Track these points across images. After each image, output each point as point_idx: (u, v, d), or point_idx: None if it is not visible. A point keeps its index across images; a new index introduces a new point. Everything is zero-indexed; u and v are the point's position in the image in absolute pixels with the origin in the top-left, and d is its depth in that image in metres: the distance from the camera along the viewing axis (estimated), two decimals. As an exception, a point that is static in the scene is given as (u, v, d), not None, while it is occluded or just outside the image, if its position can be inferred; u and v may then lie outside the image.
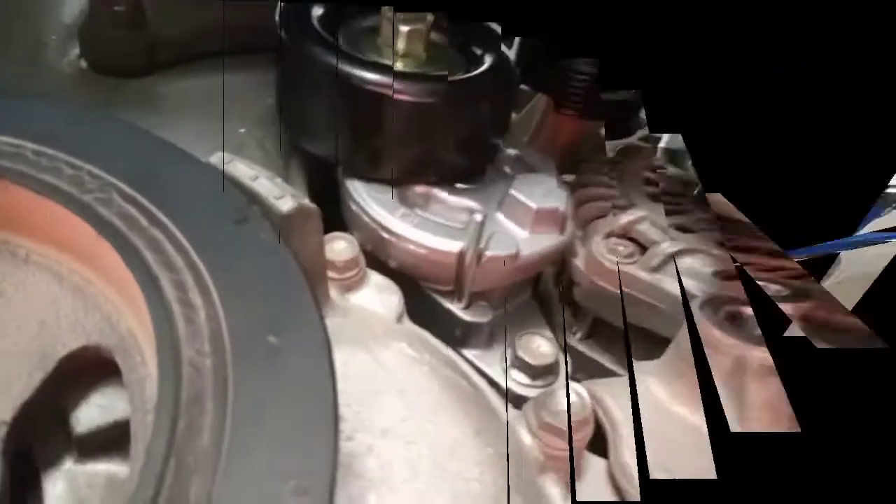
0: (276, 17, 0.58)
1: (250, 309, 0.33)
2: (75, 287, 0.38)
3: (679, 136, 1.07)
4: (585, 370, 0.66)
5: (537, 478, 0.45)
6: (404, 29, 0.59)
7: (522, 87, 0.78)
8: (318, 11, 0.60)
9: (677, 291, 0.58)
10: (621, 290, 0.61)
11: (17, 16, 0.71)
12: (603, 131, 0.91)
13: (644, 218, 0.65)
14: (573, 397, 0.43)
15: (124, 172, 0.38)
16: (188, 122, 0.64)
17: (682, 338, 0.47)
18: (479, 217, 0.54)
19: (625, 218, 0.65)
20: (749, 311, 0.47)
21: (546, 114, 0.83)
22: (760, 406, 0.44)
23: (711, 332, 0.45)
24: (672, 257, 0.61)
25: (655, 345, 0.49)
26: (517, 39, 0.76)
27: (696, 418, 0.46)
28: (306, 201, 0.45)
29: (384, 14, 0.60)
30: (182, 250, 0.35)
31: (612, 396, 0.47)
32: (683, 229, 0.65)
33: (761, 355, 0.44)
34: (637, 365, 0.50)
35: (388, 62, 0.59)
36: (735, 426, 0.44)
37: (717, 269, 0.59)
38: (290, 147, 0.65)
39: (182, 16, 0.72)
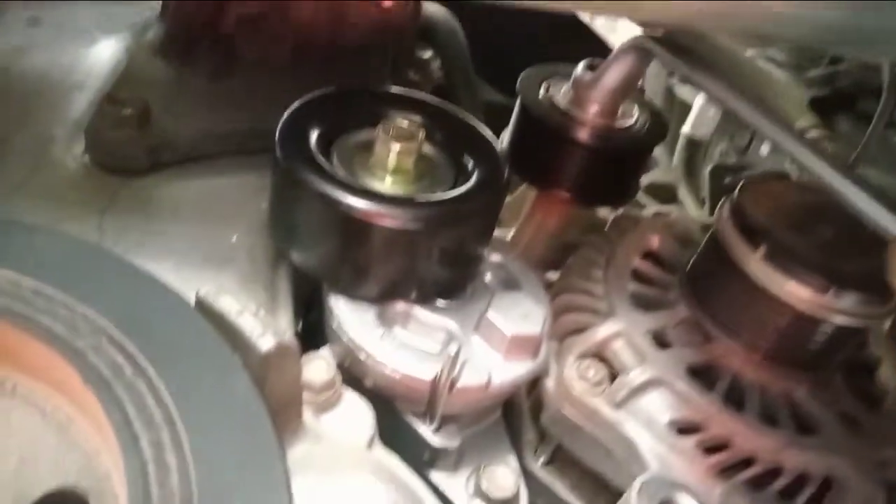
0: (276, 135, 0.61)
1: (221, 474, 0.35)
2: (58, 424, 0.40)
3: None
4: (543, 497, 0.68)
5: None
6: (395, 147, 0.62)
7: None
8: (315, 131, 0.63)
9: (635, 437, 0.61)
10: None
11: (29, 109, 0.74)
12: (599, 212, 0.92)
13: (619, 334, 0.67)
14: None
15: (116, 315, 0.41)
16: (184, 227, 0.66)
17: None
18: (453, 348, 0.56)
19: (600, 333, 0.67)
20: (685, 501, 0.48)
21: (537, 198, 0.84)
22: None
23: None
24: (638, 391, 0.63)
25: (608, 496, 0.51)
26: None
27: None
28: (287, 338, 0.47)
29: (378, 133, 0.63)
30: (162, 405, 0.37)
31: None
32: (660, 340, 0.67)
33: None
34: None
35: (379, 181, 0.62)
36: None
37: (675, 416, 0.62)
38: (279, 257, 0.68)
39: (187, 119, 0.75)
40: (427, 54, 1.06)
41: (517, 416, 0.76)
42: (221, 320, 0.46)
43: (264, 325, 0.46)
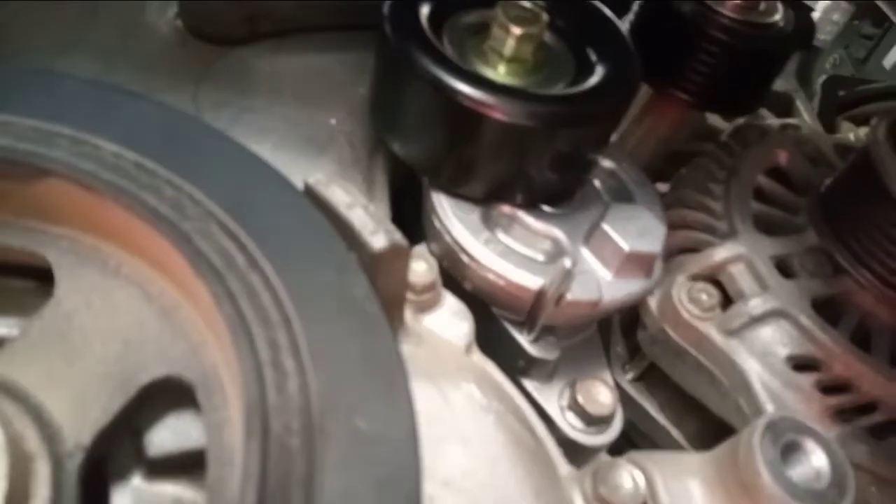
0: (385, 10, 0.55)
1: (342, 383, 0.32)
2: (164, 309, 0.37)
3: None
4: (629, 411, 0.65)
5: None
6: (516, 32, 0.55)
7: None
8: (426, 7, 0.57)
9: (748, 369, 0.56)
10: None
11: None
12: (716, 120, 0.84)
13: (739, 257, 0.61)
14: (630, 481, 0.42)
15: (224, 199, 0.37)
16: (282, 105, 0.62)
17: (741, 448, 0.45)
18: (566, 260, 0.52)
19: (717, 256, 0.62)
20: (811, 446, 0.44)
21: (650, 100, 0.77)
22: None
23: (755, 471, 0.42)
24: (756, 321, 0.58)
25: (709, 425, 0.47)
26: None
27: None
28: (399, 237, 0.43)
29: (497, 15, 0.56)
30: (278, 302, 0.34)
31: (662, 477, 0.46)
32: (784, 269, 0.62)
33: None
34: (684, 456, 0.48)
35: (492, 70, 0.56)
36: None
37: (794, 351, 0.57)
38: (378, 144, 0.63)
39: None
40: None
41: (606, 328, 0.73)
42: (330, 212, 0.42)
43: (376, 222, 0.42)
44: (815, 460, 0.45)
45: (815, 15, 1.42)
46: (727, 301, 0.61)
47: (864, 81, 1.36)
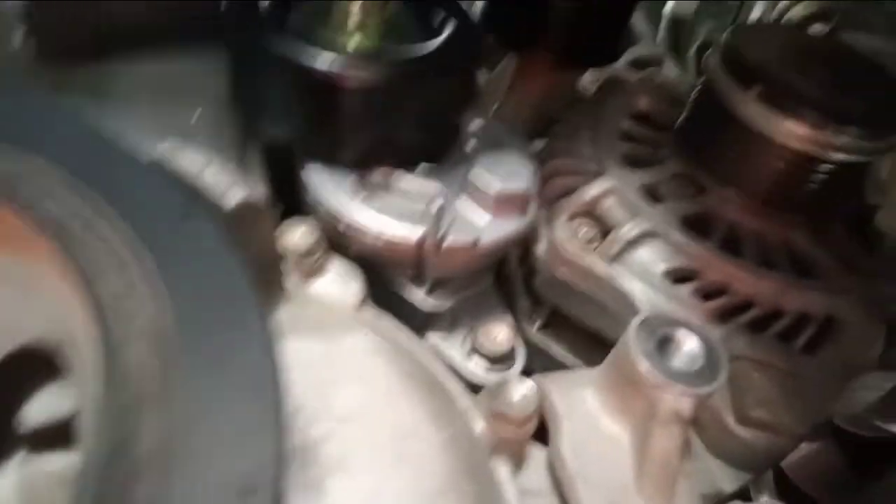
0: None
1: (196, 308, 0.32)
2: (16, 280, 0.37)
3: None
4: (539, 360, 0.67)
5: (489, 460, 0.46)
6: (357, 1, 0.57)
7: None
8: None
9: (632, 289, 0.59)
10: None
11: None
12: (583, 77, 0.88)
13: (610, 191, 0.65)
14: (523, 392, 0.44)
15: (68, 164, 0.37)
16: (138, 109, 0.62)
17: (621, 349, 0.47)
18: (436, 204, 0.53)
19: (590, 192, 0.65)
20: (683, 335, 0.47)
21: (518, 67, 0.81)
22: (658, 461, 0.44)
23: (634, 364, 0.45)
24: (632, 244, 0.61)
25: (605, 353, 0.49)
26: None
27: (618, 433, 0.47)
28: (256, 193, 0.44)
29: None
30: (128, 244, 0.34)
31: (558, 392, 0.48)
32: (653, 194, 0.65)
33: (672, 399, 0.43)
34: (580, 372, 0.50)
35: (341, 41, 0.58)
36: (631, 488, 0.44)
37: (670, 266, 0.60)
38: (248, 131, 0.64)
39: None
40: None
41: (511, 286, 0.75)
42: (185, 176, 0.43)
43: (231, 180, 0.43)
44: (689, 347, 0.47)
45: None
46: (606, 235, 0.64)
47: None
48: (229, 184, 0.44)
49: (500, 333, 0.57)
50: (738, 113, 0.61)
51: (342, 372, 0.46)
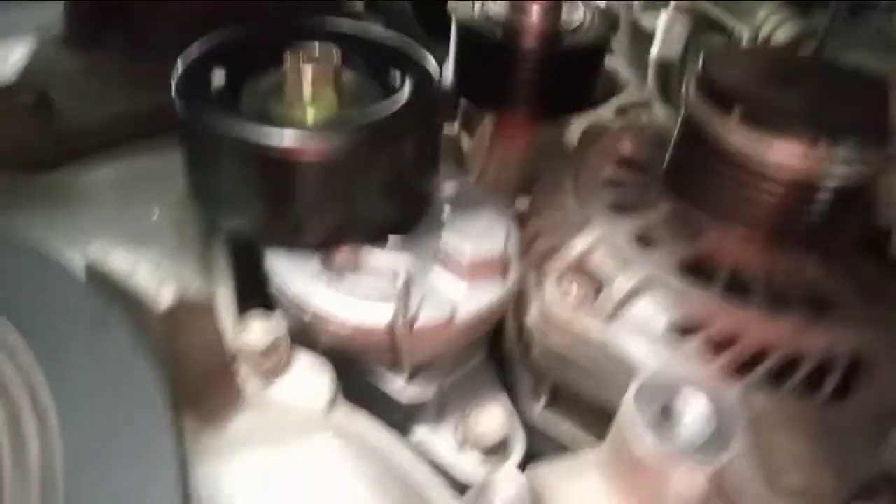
0: (173, 85, 0.54)
1: (92, 437, 0.28)
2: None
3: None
4: (548, 444, 0.61)
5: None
6: (308, 71, 0.54)
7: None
8: (219, 76, 0.56)
9: (633, 351, 0.53)
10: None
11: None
12: (563, 129, 0.85)
13: (598, 241, 0.60)
14: (511, 490, 0.39)
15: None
16: (98, 212, 0.60)
17: (619, 426, 0.42)
18: (401, 280, 0.49)
19: (576, 246, 0.60)
20: (688, 398, 0.41)
21: (497, 126, 0.78)
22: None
23: (633, 444, 0.40)
24: (628, 298, 0.56)
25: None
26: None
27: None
28: (193, 292, 0.41)
29: (287, 60, 0.55)
30: (22, 371, 0.30)
31: (558, 482, 0.42)
32: (646, 241, 0.60)
33: (682, 478, 0.38)
34: (581, 456, 0.45)
35: (297, 118, 0.55)
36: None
37: (673, 318, 0.54)
38: (211, 227, 0.61)
39: (97, 104, 0.69)
40: (358, 6, 0.99)
41: (510, 364, 0.69)
42: (115, 282, 0.39)
43: (162, 279, 0.39)
44: (696, 411, 0.42)
45: (658, 34, 1.49)
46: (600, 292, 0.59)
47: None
48: (162, 283, 0.40)
49: (489, 419, 0.51)
50: (724, 141, 0.57)
51: (304, 484, 0.41)
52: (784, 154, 0.54)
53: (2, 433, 0.27)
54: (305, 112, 0.55)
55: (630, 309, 0.56)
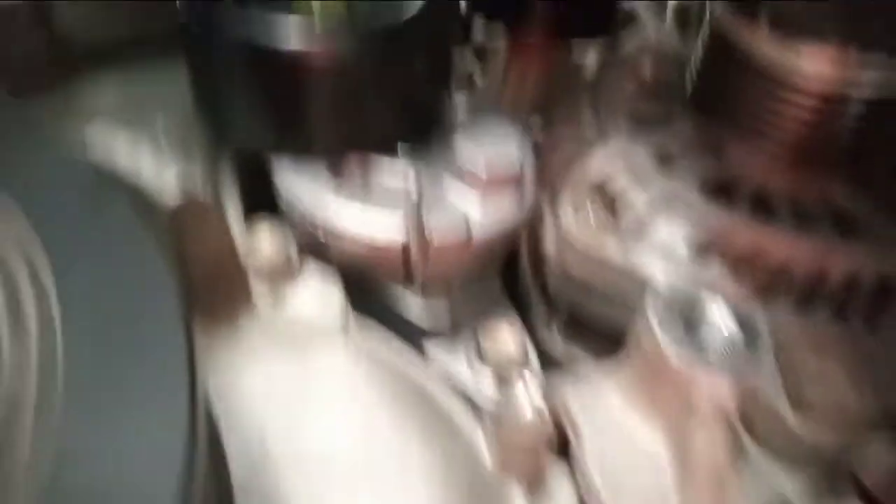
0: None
1: (95, 321, 0.26)
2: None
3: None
4: (565, 372, 0.59)
5: (500, 487, 0.39)
6: None
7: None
8: None
9: (654, 272, 0.52)
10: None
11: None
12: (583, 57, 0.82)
13: (616, 157, 0.57)
14: (532, 416, 0.37)
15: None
16: (101, 129, 0.58)
17: (641, 334, 0.40)
18: (414, 194, 0.47)
19: (595, 165, 0.58)
20: (714, 311, 0.40)
21: (511, 46, 0.74)
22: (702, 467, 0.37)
23: (659, 351, 0.38)
24: (648, 219, 0.54)
25: None
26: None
27: (650, 438, 0.40)
28: (197, 193, 0.39)
29: None
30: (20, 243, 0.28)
31: (576, 399, 0.41)
32: (666, 157, 0.58)
33: (711, 390, 0.37)
34: (598, 369, 0.44)
35: (305, 19, 0.52)
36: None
37: (695, 239, 0.53)
38: (218, 145, 0.59)
39: (94, 17, 0.66)
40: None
41: (523, 289, 0.68)
42: (125, 181, 0.38)
43: (172, 182, 0.38)
44: (723, 325, 0.40)
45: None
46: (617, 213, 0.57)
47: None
48: (170, 182, 0.38)
49: (502, 333, 0.50)
50: (750, 51, 0.54)
51: (317, 398, 0.40)
52: (813, 62, 0.51)
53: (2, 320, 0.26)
54: (315, 15, 0.53)
55: (651, 229, 0.54)
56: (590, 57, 0.82)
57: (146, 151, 0.54)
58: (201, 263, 0.38)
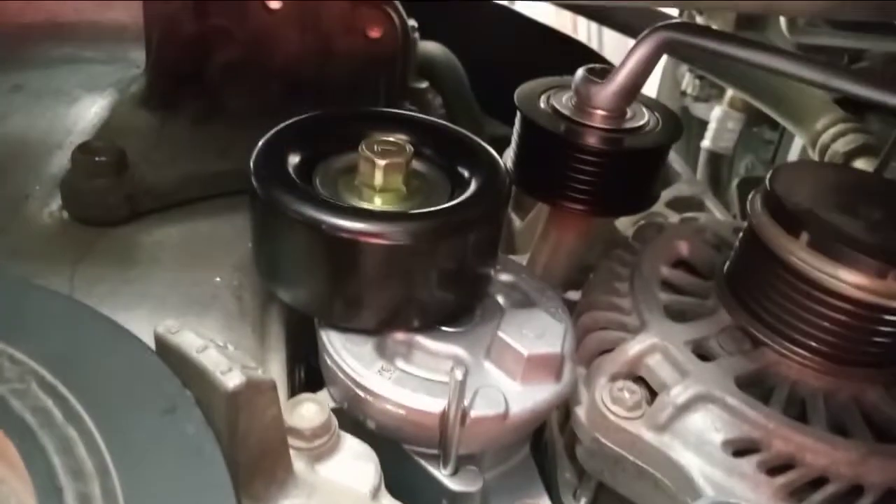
0: (251, 161, 0.56)
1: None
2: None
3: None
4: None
5: None
6: (381, 163, 0.56)
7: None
8: (294, 158, 0.58)
9: (687, 463, 0.52)
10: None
11: (6, 171, 0.71)
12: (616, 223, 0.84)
13: (654, 348, 0.59)
14: None
15: (50, 356, 0.35)
16: (163, 272, 0.61)
17: None
18: (459, 372, 0.49)
19: (632, 349, 0.59)
20: None
21: (550, 214, 0.78)
22: None
23: None
24: (683, 411, 0.55)
25: None
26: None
27: None
28: (258, 373, 0.41)
29: (361, 151, 0.57)
30: (95, 452, 0.30)
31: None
32: (701, 352, 0.59)
33: None
34: None
35: (365, 203, 0.56)
36: None
37: (729, 436, 0.53)
38: (270, 297, 0.62)
39: (169, 165, 0.71)
40: (423, 84, 1.02)
41: (552, 456, 0.68)
42: (183, 358, 0.40)
43: (231, 360, 0.40)
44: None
45: (711, 126, 1.51)
46: (653, 397, 0.58)
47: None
48: (230, 364, 0.40)
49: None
50: (790, 260, 0.56)
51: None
52: (851, 281, 0.53)
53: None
54: (374, 198, 0.57)
55: (685, 420, 0.55)
56: (627, 226, 0.86)
57: (204, 307, 0.57)
58: (253, 437, 0.40)
